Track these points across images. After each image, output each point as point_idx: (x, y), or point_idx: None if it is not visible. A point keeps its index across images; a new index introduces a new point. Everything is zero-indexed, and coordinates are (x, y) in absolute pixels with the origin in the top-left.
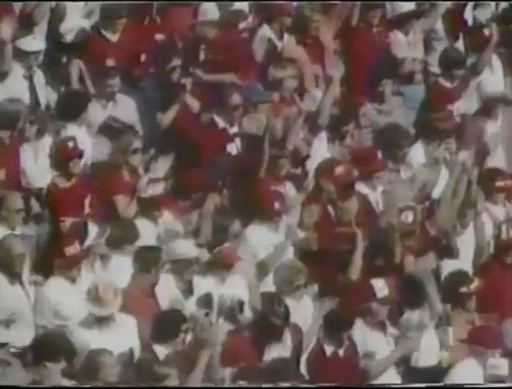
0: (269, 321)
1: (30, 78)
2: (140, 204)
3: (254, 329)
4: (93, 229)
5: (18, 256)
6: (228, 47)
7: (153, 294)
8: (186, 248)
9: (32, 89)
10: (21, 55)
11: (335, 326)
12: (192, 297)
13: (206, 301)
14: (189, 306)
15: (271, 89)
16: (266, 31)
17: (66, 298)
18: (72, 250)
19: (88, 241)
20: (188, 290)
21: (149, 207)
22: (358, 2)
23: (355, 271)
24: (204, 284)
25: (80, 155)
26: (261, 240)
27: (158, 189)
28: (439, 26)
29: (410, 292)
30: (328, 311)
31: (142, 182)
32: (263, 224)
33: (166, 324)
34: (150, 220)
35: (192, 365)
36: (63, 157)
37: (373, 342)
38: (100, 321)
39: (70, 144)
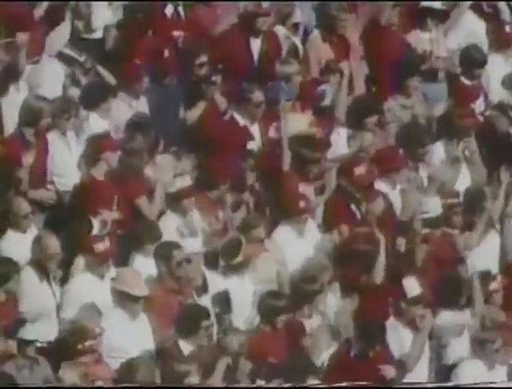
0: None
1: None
2: (168, 199)
3: (278, 326)
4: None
5: (53, 255)
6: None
7: (176, 290)
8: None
9: (61, 84)
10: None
11: (366, 326)
12: (208, 295)
13: (222, 299)
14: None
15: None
16: (280, 30)
17: (93, 294)
18: (101, 247)
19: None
20: (204, 287)
21: (176, 202)
22: (389, 2)
23: (379, 274)
24: (225, 282)
25: (115, 149)
26: (287, 239)
27: (186, 181)
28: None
29: (447, 292)
30: (357, 311)
31: (168, 177)
32: (289, 224)
33: (188, 319)
34: (177, 215)
35: (213, 366)
36: (98, 151)
37: (405, 342)
38: (127, 315)
39: (105, 138)
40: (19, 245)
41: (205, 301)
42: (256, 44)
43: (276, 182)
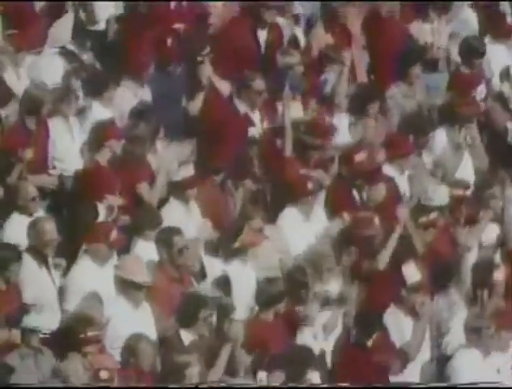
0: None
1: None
2: (171, 187)
3: (279, 313)
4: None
5: (49, 241)
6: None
7: (177, 278)
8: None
9: (64, 71)
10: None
11: (364, 315)
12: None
13: (222, 283)
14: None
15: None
16: (280, 21)
17: (97, 282)
18: (108, 233)
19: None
20: (202, 273)
21: (180, 190)
22: None
23: (383, 260)
24: (225, 267)
25: (119, 136)
26: (293, 223)
27: (189, 171)
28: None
29: (440, 276)
30: (358, 299)
31: (171, 165)
32: (296, 207)
33: (187, 309)
34: (181, 202)
35: (214, 356)
36: (103, 138)
37: (405, 329)
38: (130, 304)
39: (110, 126)
40: (24, 229)
41: (204, 287)
42: (262, 35)
43: (278, 168)
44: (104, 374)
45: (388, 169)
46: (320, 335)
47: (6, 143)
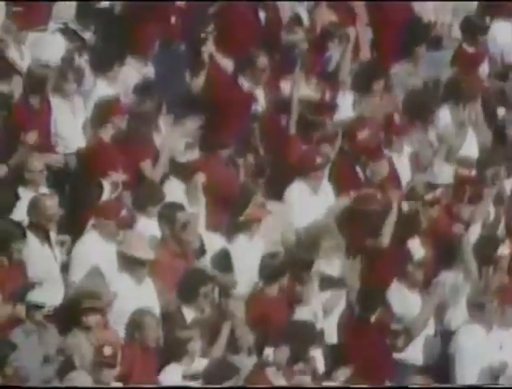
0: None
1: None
2: (175, 167)
3: (283, 288)
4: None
5: (51, 216)
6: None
7: (180, 253)
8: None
9: (67, 48)
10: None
11: (370, 289)
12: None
13: (222, 258)
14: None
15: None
16: None
17: (101, 258)
18: (113, 209)
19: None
20: (202, 249)
21: (184, 171)
22: None
23: (386, 237)
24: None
25: (123, 113)
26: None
27: (194, 154)
28: None
29: (445, 253)
30: (362, 274)
31: (179, 146)
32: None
33: (187, 285)
34: (183, 182)
35: (216, 332)
36: (106, 115)
37: (408, 304)
38: (133, 280)
39: (114, 103)
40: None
41: (206, 263)
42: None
43: (282, 145)
44: (107, 350)
45: (387, 148)
46: (321, 312)
47: (10, 122)
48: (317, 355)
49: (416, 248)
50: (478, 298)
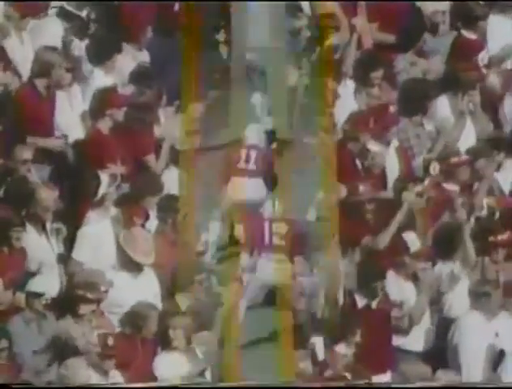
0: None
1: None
2: (175, 155)
3: None
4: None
5: (47, 207)
6: None
7: (178, 244)
8: None
9: (65, 37)
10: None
11: (369, 278)
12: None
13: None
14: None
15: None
16: None
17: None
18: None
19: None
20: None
21: (183, 159)
22: None
23: (385, 239)
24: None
25: (122, 104)
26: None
27: (195, 142)
28: None
29: (443, 243)
30: (360, 263)
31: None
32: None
33: (182, 273)
34: (181, 170)
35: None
36: (105, 105)
37: (405, 293)
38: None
39: (112, 93)
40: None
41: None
42: None
43: None
44: (103, 338)
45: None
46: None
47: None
48: (318, 342)
49: (412, 239)
50: (478, 287)
